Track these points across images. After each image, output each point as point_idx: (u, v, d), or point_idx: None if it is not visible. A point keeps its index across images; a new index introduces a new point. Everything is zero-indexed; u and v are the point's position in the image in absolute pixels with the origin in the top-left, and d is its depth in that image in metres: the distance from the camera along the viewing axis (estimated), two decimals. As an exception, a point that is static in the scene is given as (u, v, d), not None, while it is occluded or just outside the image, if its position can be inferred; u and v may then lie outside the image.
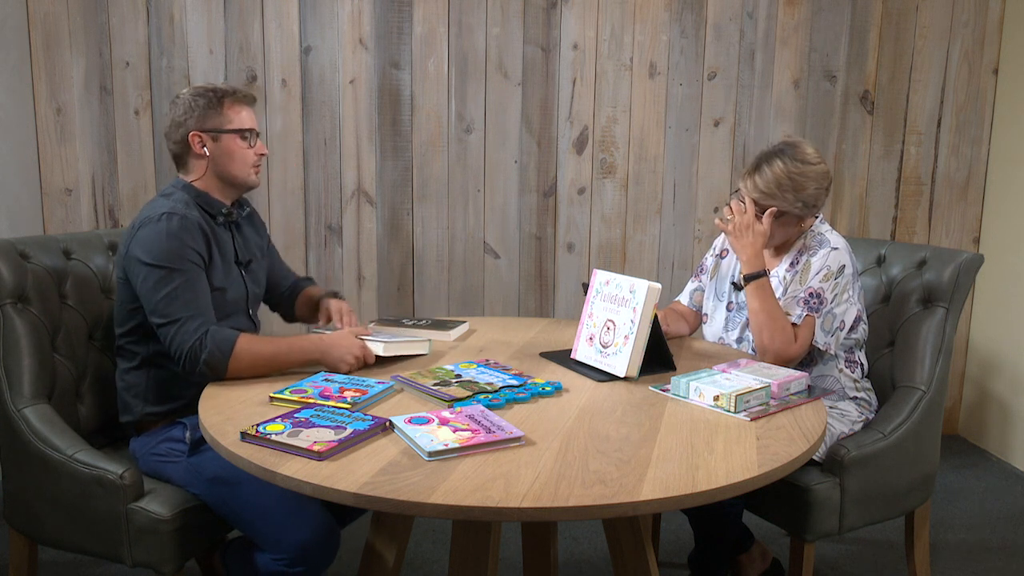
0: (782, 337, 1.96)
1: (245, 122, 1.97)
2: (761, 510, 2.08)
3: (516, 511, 1.23)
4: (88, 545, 1.81)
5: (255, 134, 2.00)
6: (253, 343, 1.81)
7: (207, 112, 1.93)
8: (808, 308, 1.99)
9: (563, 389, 1.77)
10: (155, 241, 1.81)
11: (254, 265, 2.09)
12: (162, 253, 1.81)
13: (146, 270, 1.81)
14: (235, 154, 1.96)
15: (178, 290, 1.80)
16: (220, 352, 1.76)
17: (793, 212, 2.03)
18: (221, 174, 1.97)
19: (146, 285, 1.81)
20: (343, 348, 1.85)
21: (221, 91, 1.96)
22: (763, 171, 2.03)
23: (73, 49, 3.15)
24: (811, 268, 2.02)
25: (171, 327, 1.78)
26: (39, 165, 3.19)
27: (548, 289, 3.44)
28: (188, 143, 1.94)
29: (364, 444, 1.45)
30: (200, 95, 1.95)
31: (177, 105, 1.96)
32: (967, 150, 3.46)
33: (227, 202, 2.01)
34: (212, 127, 1.94)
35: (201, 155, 1.95)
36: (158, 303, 1.80)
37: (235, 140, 1.95)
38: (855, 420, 2.10)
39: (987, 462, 3.35)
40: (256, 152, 2.00)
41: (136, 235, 1.85)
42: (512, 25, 3.27)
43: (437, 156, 3.33)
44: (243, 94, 1.99)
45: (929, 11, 3.35)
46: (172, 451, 1.86)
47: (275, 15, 3.20)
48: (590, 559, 2.54)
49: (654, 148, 3.38)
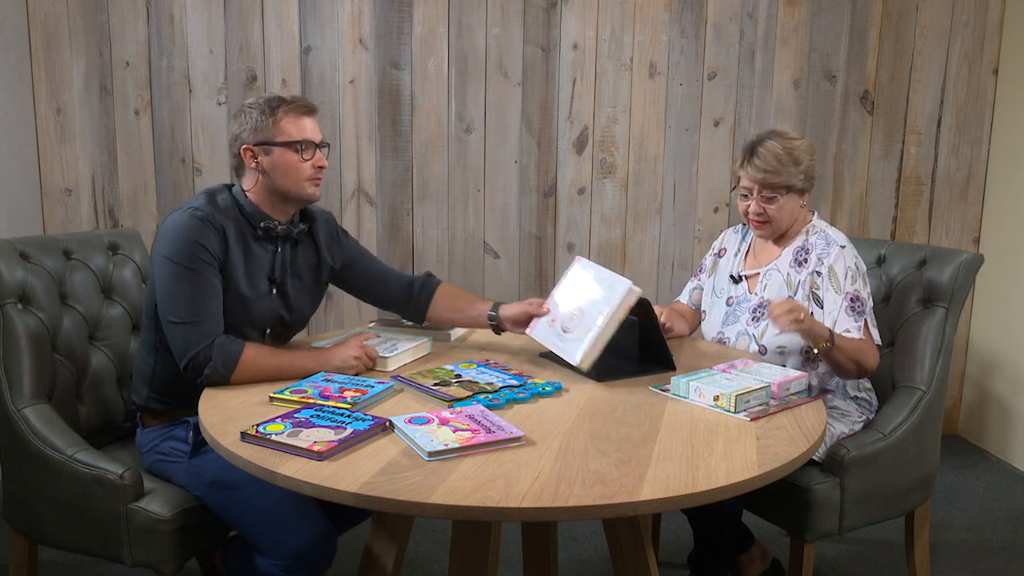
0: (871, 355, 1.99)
1: (297, 134, 1.87)
2: (761, 510, 2.08)
3: (516, 511, 1.23)
4: (88, 545, 1.81)
5: (312, 145, 1.89)
6: (258, 358, 1.78)
7: (259, 124, 1.86)
8: (857, 314, 2.00)
9: (563, 389, 1.77)
10: (173, 233, 1.79)
11: (291, 290, 1.97)
12: (177, 247, 1.78)
13: (161, 262, 1.79)
14: (288, 167, 1.87)
15: (189, 290, 1.77)
16: (224, 368, 1.75)
17: (797, 185, 2.06)
18: (274, 188, 1.89)
19: (160, 277, 1.80)
20: (340, 359, 1.84)
21: (276, 101, 1.88)
22: (759, 154, 2.05)
23: (73, 49, 3.15)
24: (837, 273, 2.01)
25: (179, 328, 1.76)
26: (39, 165, 3.19)
27: (548, 289, 3.43)
28: (242, 157, 1.88)
29: (364, 444, 1.45)
30: (254, 106, 1.88)
31: (236, 117, 1.90)
32: (967, 150, 3.46)
33: (280, 217, 1.92)
34: (264, 139, 1.86)
35: (254, 169, 1.88)
36: (169, 299, 1.78)
37: (287, 153, 1.86)
38: (855, 420, 2.10)
39: (987, 462, 3.35)
40: (313, 164, 1.89)
41: (162, 226, 1.84)
42: (512, 25, 3.27)
43: (437, 156, 3.33)
44: (300, 103, 1.90)
45: (929, 11, 3.35)
46: (175, 451, 1.86)
47: (275, 15, 3.20)
48: (590, 559, 2.54)
49: (654, 148, 3.38)
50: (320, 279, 2.06)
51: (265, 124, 1.86)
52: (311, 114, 1.92)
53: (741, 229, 2.31)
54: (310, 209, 2.02)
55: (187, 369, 1.76)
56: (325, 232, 2.06)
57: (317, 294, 2.07)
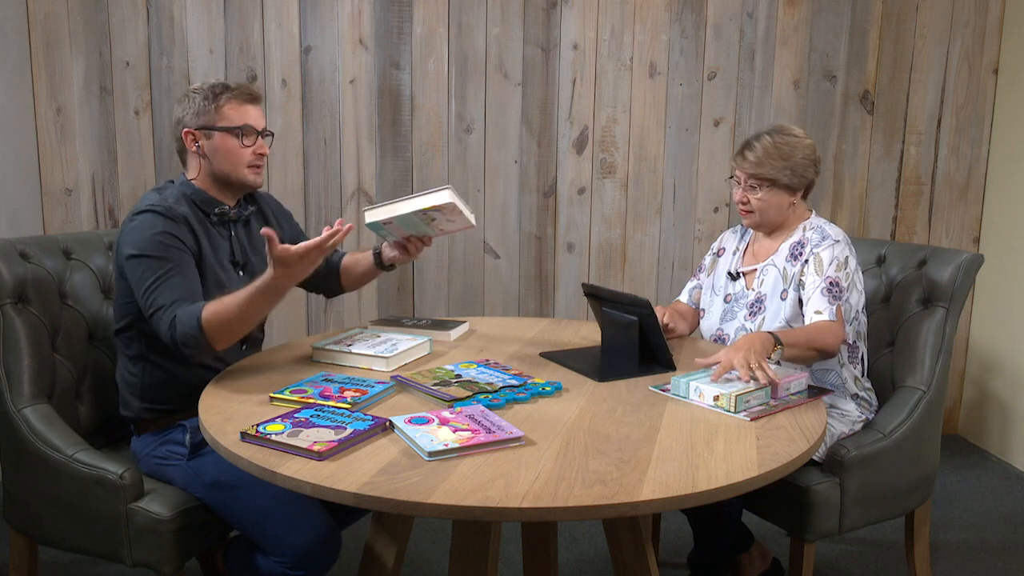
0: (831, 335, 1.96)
1: (239, 119, 1.90)
2: (761, 510, 2.08)
3: (516, 511, 1.23)
4: (88, 545, 1.81)
5: (253, 132, 1.92)
6: (217, 307, 1.71)
7: (202, 109, 1.89)
8: (832, 297, 2.01)
9: (563, 389, 1.77)
10: (139, 232, 1.79)
11: (255, 267, 2.01)
12: (146, 243, 1.78)
13: (134, 262, 1.79)
14: (229, 153, 1.90)
15: (163, 277, 1.76)
16: (189, 329, 1.70)
17: (781, 180, 2.09)
18: (215, 173, 1.93)
19: (136, 275, 1.79)
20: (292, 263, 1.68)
21: (219, 87, 1.91)
22: (752, 146, 2.12)
23: (73, 49, 3.15)
24: (823, 260, 2.04)
25: (160, 314, 1.75)
26: (39, 165, 3.19)
27: (548, 289, 3.43)
28: (183, 141, 1.92)
29: (364, 444, 1.45)
30: (199, 91, 1.91)
31: (181, 102, 1.93)
32: (967, 150, 3.46)
33: (228, 202, 1.97)
34: (205, 124, 1.90)
35: (195, 153, 1.92)
36: (145, 292, 1.77)
37: (227, 138, 1.90)
38: (855, 420, 2.10)
39: (987, 462, 3.35)
40: (255, 151, 1.93)
41: (124, 229, 1.84)
42: (512, 25, 3.27)
43: (437, 156, 3.33)
44: (243, 91, 1.93)
45: (929, 11, 3.35)
46: (172, 454, 1.86)
47: (275, 15, 3.20)
48: (590, 559, 2.54)
49: (654, 148, 3.38)
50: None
51: (207, 109, 1.89)
52: (255, 102, 1.94)
53: (740, 229, 2.33)
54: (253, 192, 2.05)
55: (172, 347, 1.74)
56: (272, 207, 2.12)
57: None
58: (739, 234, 2.31)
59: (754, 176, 2.10)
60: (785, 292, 2.09)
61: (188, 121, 1.91)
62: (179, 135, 1.92)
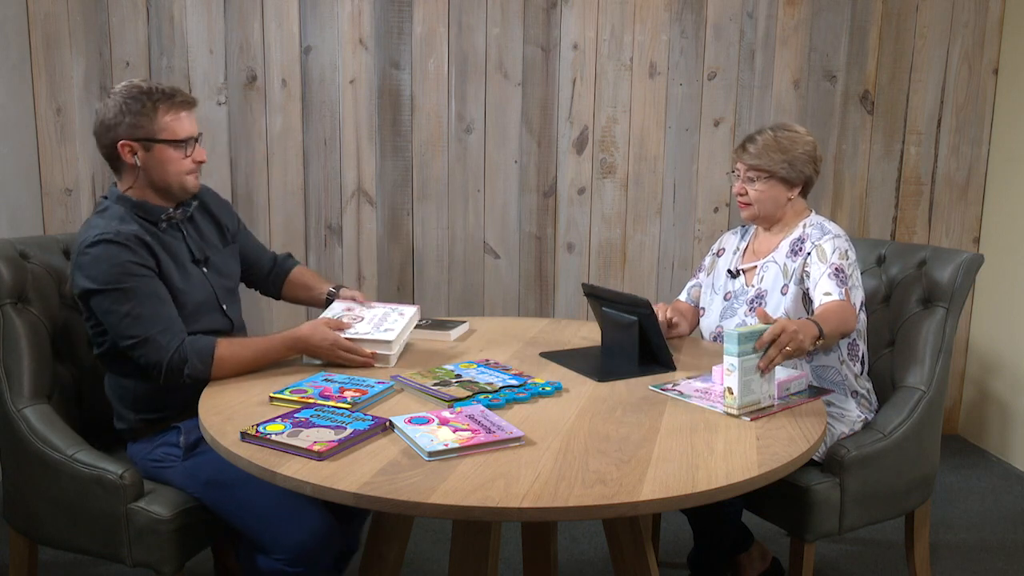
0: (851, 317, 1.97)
1: (180, 131, 1.84)
2: (761, 510, 2.08)
3: (516, 511, 1.23)
4: (88, 545, 1.81)
5: (193, 141, 1.87)
6: (233, 348, 1.81)
7: (139, 119, 1.80)
8: (840, 281, 2.02)
9: (563, 389, 1.77)
10: (95, 266, 1.75)
11: (215, 259, 1.99)
12: (106, 275, 1.74)
13: (98, 297, 1.76)
14: (169, 164, 1.84)
15: (137, 306, 1.75)
16: (201, 363, 1.76)
17: (779, 173, 2.12)
18: (154, 184, 1.86)
19: (102, 309, 1.77)
20: (319, 337, 1.87)
21: (156, 94, 1.82)
22: (754, 139, 2.16)
23: (73, 49, 3.15)
24: (826, 249, 2.05)
25: (142, 346, 1.75)
26: (39, 165, 3.19)
27: (548, 289, 3.44)
28: (118, 151, 1.83)
29: (364, 444, 1.45)
30: (133, 98, 1.81)
31: (107, 105, 1.83)
32: (967, 150, 3.46)
33: (170, 205, 1.91)
34: (144, 136, 1.81)
35: (131, 164, 1.84)
36: (121, 325, 1.76)
37: (168, 150, 1.84)
38: (855, 420, 2.10)
39: (987, 462, 3.35)
40: (194, 159, 1.88)
41: (77, 263, 1.79)
42: (512, 25, 3.27)
43: (437, 156, 3.33)
44: (180, 98, 1.85)
45: (929, 11, 3.35)
46: (168, 456, 1.86)
47: (275, 15, 3.20)
48: (590, 559, 2.54)
49: (654, 148, 3.38)
50: (228, 241, 2.08)
51: (146, 119, 1.81)
52: (191, 108, 1.88)
53: (740, 230, 2.33)
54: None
55: (165, 375, 1.76)
56: (212, 200, 2.08)
57: (235, 255, 2.10)
58: (739, 235, 2.32)
59: (753, 168, 2.13)
60: (786, 287, 2.09)
61: (123, 132, 1.81)
62: (108, 143, 1.83)
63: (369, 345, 1.92)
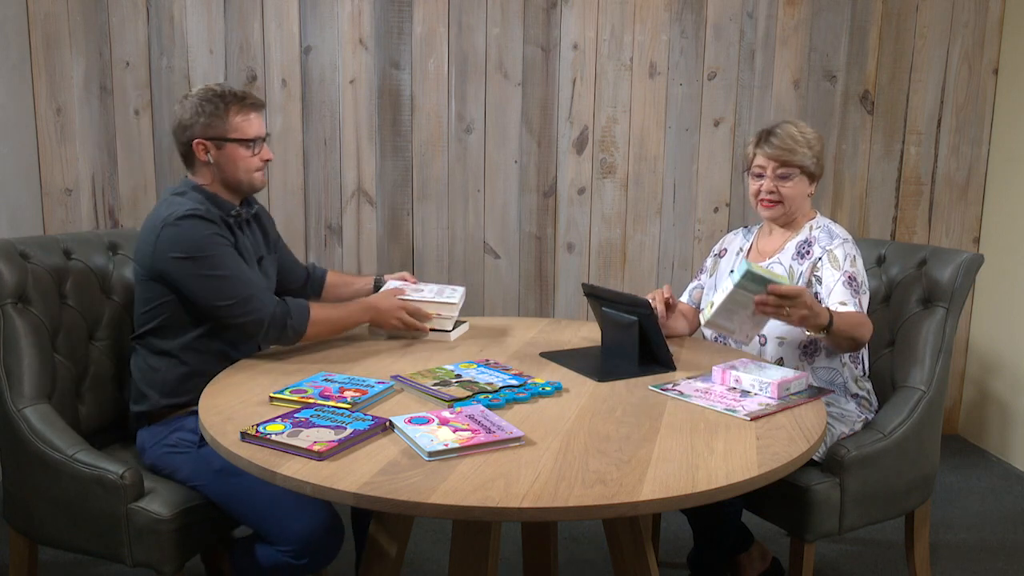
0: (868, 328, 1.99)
1: (250, 131, 1.98)
2: (761, 510, 2.08)
3: (516, 511, 1.23)
4: (88, 545, 1.81)
5: (260, 141, 2.01)
6: (325, 311, 2.00)
7: (212, 119, 1.94)
8: (853, 291, 2.02)
9: (563, 389, 1.77)
10: (188, 235, 1.86)
11: (265, 262, 2.12)
12: (200, 243, 1.86)
13: (190, 263, 1.86)
14: (239, 162, 1.98)
15: (234, 269, 1.88)
16: (300, 320, 1.93)
17: (809, 167, 2.10)
18: (225, 180, 2.00)
19: (197, 276, 1.86)
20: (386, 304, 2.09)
21: (228, 97, 1.96)
22: (776, 133, 2.11)
23: (73, 49, 3.15)
24: (837, 256, 2.05)
25: (245, 304, 1.87)
26: (39, 165, 3.19)
27: (548, 289, 3.44)
28: (193, 148, 1.97)
29: (364, 444, 1.45)
30: (208, 100, 1.95)
31: (184, 106, 1.97)
32: (967, 150, 3.46)
33: (235, 203, 2.04)
34: (216, 135, 1.95)
35: (205, 162, 1.98)
36: (215, 289, 1.86)
37: (238, 149, 1.97)
38: (855, 420, 2.10)
39: (987, 462, 3.35)
40: (261, 158, 2.02)
41: (162, 235, 1.87)
42: (512, 25, 3.27)
43: (437, 156, 3.33)
44: (251, 100, 1.99)
45: (929, 11, 3.35)
46: (183, 441, 1.88)
47: (275, 15, 3.20)
48: (590, 559, 2.54)
49: (654, 148, 3.38)
50: (271, 250, 2.19)
51: (219, 120, 1.94)
52: (260, 109, 2.03)
53: (743, 231, 2.32)
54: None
55: (268, 330, 1.90)
56: (260, 209, 2.19)
57: (275, 264, 2.22)
58: (742, 235, 2.31)
59: (786, 164, 2.08)
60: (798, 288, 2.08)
61: (198, 131, 1.95)
62: (185, 141, 1.97)
63: (434, 307, 2.14)
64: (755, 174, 2.13)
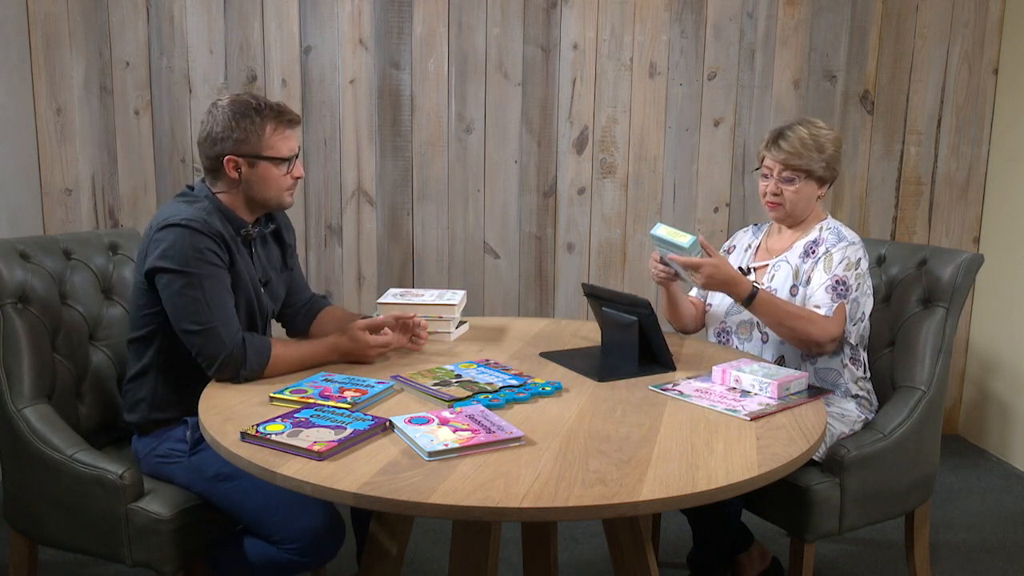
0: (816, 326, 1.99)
1: (284, 149, 1.86)
2: (761, 510, 2.08)
3: (516, 511, 1.23)
4: (88, 545, 1.81)
5: (294, 158, 1.89)
6: (287, 349, 1.84)
7: (247, 135, 1.82)
8: (837, 295, 2.02)
9: (563, 389, 1.77)
10: (176, 246, 1.75)
11: (272, 283, 2.01)
12: (184, 258, 1.75)
13: (168, 276, 1.76)
14: (271, 180, 1.87)
15: (205, 295, 1.75)
16: (258, 363, 1.78)
17: (816, 172, 2.09)
18: (251, 196, 1.89)
19: (170, 291, 1.76)
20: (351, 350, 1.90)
21: (265, 111, 1.84)
22: (786, 136, 2.10)
23: (73, 49, 3.15)
24: (833, 258, 2.05)
25: (204, 335, 1.74)
26: (39, 165, 3.19)
27: (548, 289, 3.44)
28: (222, 164, 1.85)
29: (364, 444, 1.45)
30: (243, 114, 1.82)
31: (215, 117, 1.84)
32: (967, 150, 3.46)
33: (250, 219, 1.93)
34: (250, 152, 1.83)
35: (234, 178, 1.86)
36: (185, 309, 1.75)
37: (273, 168, 1.86)
38: (855, 420, 2.10)
39: (987, 462, 3.35)
40: (293, 176, 1.90)
41: (155, 238, 1.79)
42: (512, 25, 3.27)
43: (437, 156, 3.33)
44: (289, 116, 1.87)
45: (929, 11, 3.35)
46: (173, 451, 1.86)
47: (275, 15, 3.20)
48: (590, 559, 2.54)
49: (654, 148, 3.38)
50: (286, 266, 2.10)
51: (254, 136, 1.83)
52: (297, 125, 1.92)
53: (753, 228, 2.33)
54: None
55: (219, 369, 1.76)
56: (283, 220, 2.09)
57: (285, 283, 2.10)
58: (751, 232, 2.32)
59: (791, 167, 2.09)
60: (796, 288, 2.09)
61: (230, 147, 1.83)
62: (214, 156, 1.85)
63: (435, 310, 2.12)
64: (763, 174, 2.16)
